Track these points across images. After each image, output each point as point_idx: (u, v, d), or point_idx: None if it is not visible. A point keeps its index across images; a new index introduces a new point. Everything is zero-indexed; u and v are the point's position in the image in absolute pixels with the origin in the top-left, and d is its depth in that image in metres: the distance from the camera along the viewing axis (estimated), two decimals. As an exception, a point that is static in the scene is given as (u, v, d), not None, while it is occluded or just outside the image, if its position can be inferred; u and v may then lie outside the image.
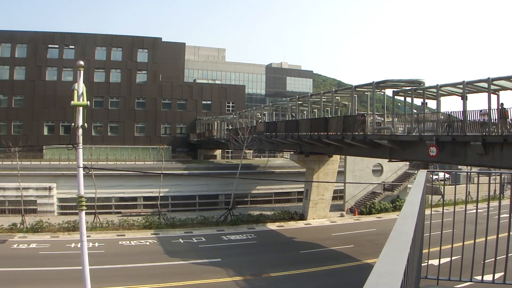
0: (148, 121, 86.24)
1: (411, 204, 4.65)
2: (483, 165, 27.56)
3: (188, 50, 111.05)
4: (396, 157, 36.30)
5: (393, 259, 2.60)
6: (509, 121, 26.12)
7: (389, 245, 2.91)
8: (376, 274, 2.29)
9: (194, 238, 43.51)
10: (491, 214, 9.04)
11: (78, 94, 14.82)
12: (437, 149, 28.84)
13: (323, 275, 31.61)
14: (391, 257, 2.64)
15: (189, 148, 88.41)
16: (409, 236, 3.23)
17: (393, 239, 3.09)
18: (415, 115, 34.20)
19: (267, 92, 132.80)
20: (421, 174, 7.63)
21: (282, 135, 48.17)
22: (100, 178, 49.49)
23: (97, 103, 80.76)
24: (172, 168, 63.40)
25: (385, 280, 2.21)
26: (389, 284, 2.16)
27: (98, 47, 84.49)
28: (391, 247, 2.88)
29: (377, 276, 2.27)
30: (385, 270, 2.37)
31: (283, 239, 44.94)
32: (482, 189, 51.01)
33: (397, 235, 3.23)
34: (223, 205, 59.89)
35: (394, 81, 35.88)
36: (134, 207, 57.42)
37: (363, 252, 37.77)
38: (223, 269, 32.59)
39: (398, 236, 3.22)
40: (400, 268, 2.41)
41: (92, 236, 41.94)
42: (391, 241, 3.04)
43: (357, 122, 36.10)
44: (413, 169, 64.53)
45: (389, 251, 2.78)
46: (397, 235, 3.23)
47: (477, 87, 30.05)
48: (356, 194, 61.55)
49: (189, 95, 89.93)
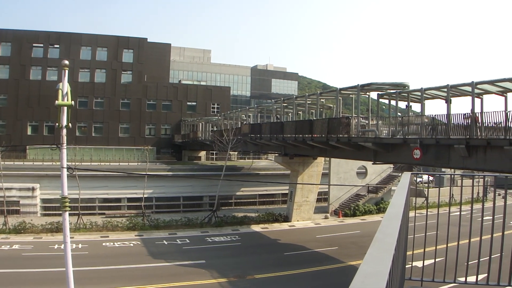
0: (133, 122, 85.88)
1: (396, 206, 4.68)
2: (467, 168, 27.75)
3: (174, 51, 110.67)
4: (380, 160, 36.46)
5: (378, 260, 2.61)
6: (478, 125, 26.72)
7: (374, 246, 2.93)
8: (362, 275, 2.30)
9: (178, 240, 43.38)
10: (475, 216, 9.12)
11: (62, 93, 14.75)
12: (421, 152, 29.01)
13: (308, 277, 31.65)
14: (376, 258, 2.66)
15: (174, 149, 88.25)
16: (393, 237, 3.25)
17: (378, 240, 3.11)
18: (400, 118, 34.38)
19: (252, 93, 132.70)
20: (406, 176, 7.67)
21: (267, 137, 48.20)
22: (84, 179, 49.22)
23: (81, 103, 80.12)
24: (156, 169, 63.20)
25: (371, 281, 2.23)
26: (375, 284, 2.18)
27: (83, 47, 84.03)
28: (376, 248, 2.90)
29: (363, 276, 2.28)
30: (371, 271, 2.39)
31: (267, 241, 44.96)
32: (465, 192, 51.28)
33: (382, 236, 3.25)
34: (207, 207, 59.76)
35: (379, 84, 36.07)
36: (118, 208, 57.09)
37: (347, 254, 37.88)
38: (207, 271, 32.54)
39: (383, 237, 3.24)
40: (385, 269, 2.43)
41: (75, 237, 41.66)
42: (376, 242, 3.06)
43: (342, 125, 36.21)
44: (397, 172, 64.80)
45: (374, 252, 2.80)
46: (382, 236, 3.25)
47: (461, 90, 30.29)
48: (340, 196, 61.71)
49: (174, 96, 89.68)
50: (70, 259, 15.00)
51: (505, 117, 24.17)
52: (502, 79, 26.07)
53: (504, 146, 23.22)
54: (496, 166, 24.72)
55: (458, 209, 9.43)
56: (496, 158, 24.78)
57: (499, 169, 24.48)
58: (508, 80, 25.57)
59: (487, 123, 25.66)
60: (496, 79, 26.53)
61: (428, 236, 8.83)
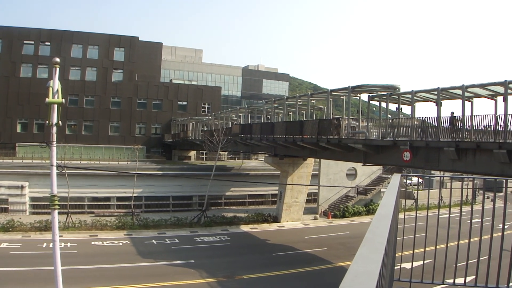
0: (123, 121, 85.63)
1: (386, 206, 4.70)
2: (456, 170, 27.87)
3: (165, 50, 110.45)
4: (370, 161, 36.56)
5: (368, 259, 2.62)
6: (456, 127, 27.12)
7: (364, 246, 2.94)
8: (352, 274, 2.31)
9: (167, 239, 43.31)
10: (464, 219, 9.16)
11: (53, 91, 14.66)
12: (411, 154, 29.12)
13: (296, 278, 31.69)
14: (366, 258, 2.67)
15: (164, 149, 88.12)
16: (384, 237, 3.26)
17: (368, 240, 3.12)
18: (390, 120, 34.46)
19: (243, 94, 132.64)
20: (396, 177, 7.70)
21: (257, 137, 48.22)
22: (73, 178, 49.02)
23: (72, 101, 79.86)
24: (146, 168, 63.09)
25: (361, 279, 2.24)
26: (365, 283, 2.19)
27: (75, 45, 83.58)
28: (366, 247, 2.91)
29: (353, 275, 2.29)
30: (361, 270, 2.40)
31: (256, 241, 44.96)
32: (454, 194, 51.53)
33: (372, 236, 3.26)
34: (197, 207, 59.59)
35: (370, 86, 36.12)
36: (107, 207, 56.82)
37: (336, 255, 37.94)
38: (196, 271, 32.51)
39: (373, 237, 3.25)
40: (376, 268, 2.44)
41: (64, 236, 41.44)
42: (366, 242, 3.07)
43: (332, 126, 36.25)
44: (386, 174, 65.00)
45: (365, 251, 2.81)
46: (372, 236, 3.26)
47: (451, 93, 30.40)
48: (330, 198, 61.79)
49: (165, 95, 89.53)
50: (58, 258, 14.89)
51: (495, 121, 24.30)
52: (493, 82, 26.18)
53: (494, 149, 23.33)
54: (485, 169, 24.85)
55: (447, 212, 9.44)
56: (486, 161, 24.90)
57: (488, 172, 24.61)
58: (498, 84, 25.67)
59: (477, 126, 25.81)
60: (486, 82, 26.64)
61: (417, 238, 8.86)
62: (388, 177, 63.22)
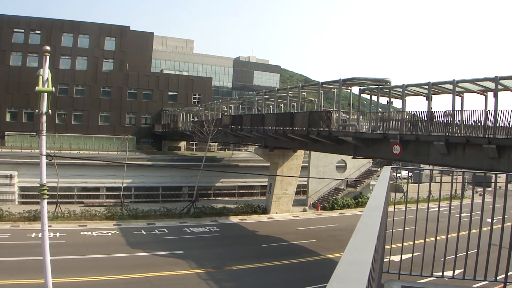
0: (113, 111, 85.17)
1: (377, 198, 4.72)
2: (446, 164, 28.01)
3: (156, 40, 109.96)
4: (360, 154, 36.67)
5: (360, 249, 2.64)
6: (434, 122, 27.49)
7: (356, 236, 2.96)
8: (345, 263, 2.33)
9: (157, 230, 43.31)
10: (453, 212, 9.21)
11: (43, 80, 14.60)
12: (401, 148, 29.22)
13: (285, 269, 31.80)
14: (358, 247, 2.69)
15: (154, 139, 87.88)
16: (375, 228, 3.28)
17: (360, 230, 3.14)
18: (380, 114, 34.56)
19: (234, 85, 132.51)
20: (386, 170, 7.73)
21: (248, 128, 48.21)
22: (62, 167, 48.79)
23: (61, 91, 79.22)
24: (136, 158, 62.95)
25: (354, 268, 2.26)
26: (358, 272, 2.21)
27: (65, 33, 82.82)
28: (358, 237, 2.93)
29: (346, 264, 2.31)
30: (354, 259, 2.42)
31: (245, 232, 45.05)
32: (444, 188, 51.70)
33: (364, 227, 3.28)
34: (186, 197, 59.62)
35: (361, 79, 36.20)
36: (97, 197, 56.68)
37: (325, 247, 38.09)
38: (185, 261, 32.56)
39: (365, 227, 3.27)
40: (368, 258, 2.46)
41: (53, 226, 41.36)
42: (358, 232, 3.09)
43: (323, 118, 36.32)
44: (376, 167, 65.22)
45: (357, 241, 2.83)
46: (364, 227, 3.28)
47: (442, 88, 30.55)
48: (319, 190, 61.93)
49: (156, 85, 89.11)
50: (47, 247, 14.88)
51: (485, 116, 24.43)
52: (483, 78, 26.31)
53: (483, 144, 23.46)
54: (475, 163, 24.99)
55: (437, 205, 9.51)
56: (475, 156, 25.04)
57: (477, 166, 24.74)
58: (489, 80, 25.81)
59: (467, 121, 25.95)
60: (477, 78, 26.78)
61: (406, 231, 8.91)
62: (378, 170, 63.47)
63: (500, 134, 23.22)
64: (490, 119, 23.95)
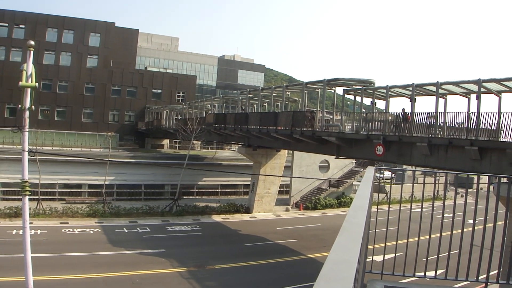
0: (97, 107, 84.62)
1: (362, 198, 4.73)
2: (428, 165, 28.19)
3: (141, 37, 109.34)
4: (343, 155, 36.79)
5: (346, 249, 2.64)
6: (408, 123, 28.02)
7: (342, 235, 2.95)
8: (331, 262, 2.32)
9: (139, 228, 43.14)
10: (435, 213, 9.27)
11: (26, 75, 14.48)
12: (384, 148, 29.36)
13: (268, 268, 31.82)
14: (344, 247, 2.68)
15: (137, 137, 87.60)
16: (361, 227, 3.28)
17: (345, 230, 3.14)
18: (364, 114, 34.68)
19: (218, 83, 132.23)
20: (370, 170, 7.75)
21: (231, 127, 48.18)
22: (44, 164, 48.41)
23: (45, 86, 78.55)
24: (118, 156, 62.62)
25: (340, 268, 2.25)
26: (344, 271, 2.20)
27: (49, 28, 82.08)
28: (344, 237, 2.92)
29: (332, 263, 2.30)
30: (340, 258, 2.41)
31: (228, 231, 45.02)
32: (426, 189, 52.08)
33: (349, 226, 3.28)
34: (169, 196, 59.37)
35: (345, 80, 36.28)
36: (79, 194, 56.24)
37: (307, 246, 38.16)
38: (167, 260, 32.50)
39: (350, 226, 3.27)
40: (354, 257, 2.46)
41: (34, 223, 41.00)
42: (344, 231, 3.08)
43: (307, 118, 36.38)
44: (359, 167, 65.51)
45: (343, 240, 2.82)
46: (349, 226, 3.28)
47: (426, 90, 30.72)
48: (302, 189, 62.03)
49: (140, 82, 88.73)
50: (28, 245, 14.77)
51: (467, 118, 24.62)
52: (466, 80, 26.51)
53: (465, 146, 23.64)
54: (457, 165, 25.16)
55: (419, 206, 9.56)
56: (457, 157, 25.23)
57: (459, 168, 24.90)
58: (472, 82, 25.99)
59: (450, 123, 26.14)
60: (460, 80, 26.98)
61: (389, 231, 8.96)
62: (361, 170, 63.74)
63: (482, 136, 23.43)
64: (473, 121, 24.15)
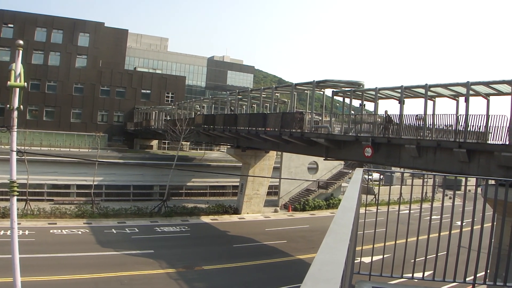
0: (85, 108, 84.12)
1: (350, 199, 4.74)
2: (417, 167, 28.30)
3: (131, 37, 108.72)
4: (332, 156, 36.83)
5: (334, 249, 2.65)
6: (392, 125, 28.68)
7: (330, 236, 2.97)
8: (319, 263, 2.33)
9: (127, 229, 43.01)
10: (423, 215, 9.31)
11: (15, 74, 14.40)
12: (373, 150, 29.43)
13: (256, 269, 31.84)
14: (332, 247, 2.69)
15: (126, 137, 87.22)
16: (348, 228, 3.30)
17: (333, 231, 3.15)
18: (353, 116, 34.77)
19: (208, 84, 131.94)
20: (358, 171, 7.78)
21: (220, 128, 48.14)
22: (33, 164, 48.06)
23: (33, 86, 77.93)
24: (107, 156, 62.38)
25: (328, 268, 2.26)
26: (332, 272, 2.21)
27: (38, 28, 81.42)
28: (332, 237, 2.93)
29: (320, 264, 2.31)
30: (327, 259, 2.42)
31: (216, 232, 44.97)
32: (415, 191, 52.28)
33: (337, 227, 3.29)
34: (157, 196, 59.28)
35: (334, 81, 36.35)
36: (67, 195, 55.97)
37: (296, 247, 38.19)
38: (155, 261, 32.41)
39: (338, 228, 3.28)
40: (341, 258, 2.47)
41: (22, 223, 40.72)
42: (331, 232, 3.10)
43: (296, 120, 36.44)
44: (347, 169, 65.64)
45: (330, 241, 2.84)
46: (337, 227, 3.29)
47: (414, 92, 30.85)
48: (291, 191, 62.11)
49: (129, 83, 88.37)
50: (16, 245, 14.69)
51: (456, 121, 24.74)
52: (455, 83, 26.66)
53: (454, 148, 23.73)
54: (445, 167, 25.25)
55: (407, 208, 9.60)
56: (446, 160, 25.32)
57: (447, 170, 25.00)
58: (460, 85, 26.13)
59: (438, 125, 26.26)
60: (449, 83, 27.13)
61: (377, 232, 8.98)
62: (349, 172, 63.90)
63: (471, 139, 23.53)
64: (461, 123, 24.26)
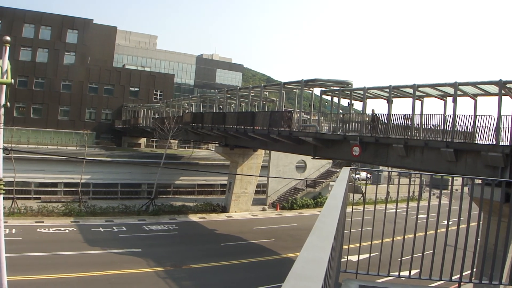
0: (73, 105, 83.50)
1: (336, 197, 4.74)
2: (404, 166, 28.40)
3: (119, 34, 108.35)
4: (320, 155, 36.89)
5: (317, 247, 2.64)
6: (378, 124, 28.92)
7: (314, 234, 2.96)
8: (302, 260, 2.33)
9: (115, 227, 42.86)
10: (410, 214, 9.34)
11: (2, 71, 14.33)
12: (360, 149, 29.51)
13: (244, 268, 31.87)
14: (316, 246, 2.69)
15: (114, 135, 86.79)
16: (333, 226, 3.30)
17: (317, 229, 3.14)
18: (341, 115, 34.84)
19: (196, 83, 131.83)
20: (345, 170, 7.78)
21: (209, 126, 48.10)
22: (19, 162, 47.69)
23: (21, 83, 77.09)
24: (95, 154, 62.10)
25: (311, 266, 2.26)
26: (315, 269, 2.20)
27: (26, 24, 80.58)
28: (316, 236, 2.93)
29: (303, 262, 2.31)
30: (311, 257, 2.41)
31: (204, 231, 44.94)
32: (402, 190, 52.48)
33: (321, 225, 3.29)
34: (145, 195, 59.15)
35: (323, 81, 36.40)
36: (54, 193, 55.68)
37: (284, 246, 38.25)
38: (143, 259, 32.36)
39: (322, 226, 3.28)
40: (325, 256, 2.46)
41: (9, 222, 40.36)
42: (316, 230, 3.09)
43: (284, 118, 36.47)
44: (335, 168, 65.77)
45: (314, 239, 2.83)
46: (321, 225, 3.29)
47: (403, 92, 30.96)
48: (279, 189, 62.17)
49: (117, 80, 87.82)
50: (3, 244, 14.63)
51: (443, 121, 24.85)
52: (443, 83, 26.79)
53: (441, 148, 23.82)
54: (433, 166, 25.36)
55: (394, 207, 9.62)
56: (433, 159, 25.43)
57: (435, 169, 25.12)
58: (448, 85, 26.25)
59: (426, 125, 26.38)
60: (437, 83, 27.25)
61: (364, 231, 9.01)
62: (337, 171, 64.01)
63: (458, 139, 23.64)
64: (449, 123, 24.37)
